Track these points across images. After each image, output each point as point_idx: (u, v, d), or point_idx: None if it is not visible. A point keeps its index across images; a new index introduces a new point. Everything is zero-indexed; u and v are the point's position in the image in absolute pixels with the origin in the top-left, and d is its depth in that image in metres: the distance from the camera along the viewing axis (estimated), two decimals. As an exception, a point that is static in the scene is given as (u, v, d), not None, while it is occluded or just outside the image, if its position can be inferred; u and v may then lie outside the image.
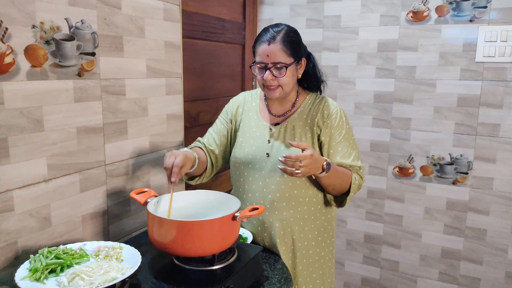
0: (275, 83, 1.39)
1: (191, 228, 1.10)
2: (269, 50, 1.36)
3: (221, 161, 1.60)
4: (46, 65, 1.18)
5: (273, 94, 1.42)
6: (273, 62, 1.37)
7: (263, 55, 1.37)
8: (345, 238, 2.57)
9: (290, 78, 1.41)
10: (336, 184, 1.41)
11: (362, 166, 1.47)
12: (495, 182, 2.16)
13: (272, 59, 1.37)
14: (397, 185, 2.39)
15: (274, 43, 1.36)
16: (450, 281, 2.33)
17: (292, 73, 1.41)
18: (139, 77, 1.53)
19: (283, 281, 1.27)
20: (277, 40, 1.37)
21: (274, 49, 1.36)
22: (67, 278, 0.99)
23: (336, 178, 1.39)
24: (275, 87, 1.41)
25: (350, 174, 1.43)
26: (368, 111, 2.39)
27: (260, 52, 1.38)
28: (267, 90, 1.43)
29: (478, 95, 2.13)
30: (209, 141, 1.58)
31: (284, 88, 1.41)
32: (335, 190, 1.44)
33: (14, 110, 1.11)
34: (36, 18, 1.14)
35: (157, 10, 1.58)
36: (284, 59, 1.37)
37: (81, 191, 1.34)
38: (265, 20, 2.56)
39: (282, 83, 1.40)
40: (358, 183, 1.45)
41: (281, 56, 1.37)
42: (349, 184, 1.43)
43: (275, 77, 1.38)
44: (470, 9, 2.09)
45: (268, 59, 1.37)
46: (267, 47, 1.37)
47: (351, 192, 1.43)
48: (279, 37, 1.37)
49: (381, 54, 2.32)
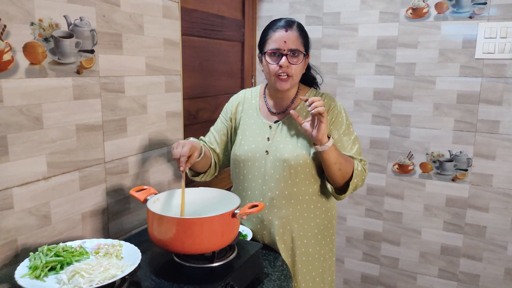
0: (289, 71, 1.38)
1: (191, 225, 1.10)
2: (287, 36, 1.36)
3: (223, 160, 1.60)
4: (45, 62, 1.18)
5: (284, 84, 1.41)
6: (290, 49, 1.37)
7: (280, 41, 1.37)
8: (345, 235, 2.57)
9: (301, 69, 1.43)
10: (342, 163, 1.37)
11: (364, 160, 1.47)
12: (494, 178, 2.16)
13: (290, 45, 1.36)
14: (396, 182, 2.39)
15: (292, 30, 1.38)
16: (450, 278, 2.34)
17: (303, 64, 1.43)
18: (138, 75, 1.53)
19: (283, 278, 1.27)
20: (294, 28, 1.38)
21: (292, 36, 1.37)
22: (67, 275, 0.99)
23: (340, 155, 1.37)
24: (286, 78, 1.39)
25: (352, 161, 1.42)
26: (368, 108, 2.39)
27: (277, 38, 1.37)
28: (279, 80, 1.40)
29: (478, 92, 2.13)
30: (210, 140, 1.58)
31: (294, 78, 1.41)
32: (341, 170, 1.38)
33: (13, 108, 1.11)
34: (35, 15, 1.14)
35: (156, 7, 1.58)
36: (300, 47, 1.39)
37: (80, 188, 1.34)
38: (264, 17, 2.55)
39: (294, 73, 1.39)
40: (361, 170, 1.42)
41: (298, 43, 1.38)
42: (352, 168, 1.40)
43: (291, 64, 1.38)
44: (469, 5, 2.09)
45: (285, 45, 1.36)
46: (284, 33, 1.37)
47: (354, 178, 1.40)
48: (295, 26, 1.39)
49: (380, 51, 2.31)
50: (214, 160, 1.56)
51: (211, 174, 1.57)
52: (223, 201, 1.29)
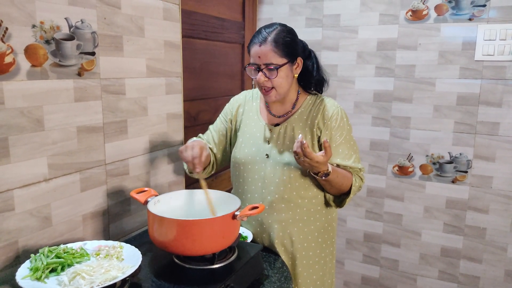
0: (269, 84, 1.39)
1: (191, 227, 1.10)
2: (260, 51, 1.36)
3: (220, 160, 1.60)
4: (46, 64, 1.18)
5: (268, 98, 1.42)
6: (265, 63, 1.37)
7: (255, 57, 1.38)
8: (345, 237, 2.57)
9: (284, 79, 1.40)
10: (333, 188, 1.42)
11: (362, 168, 1.47)
12: (494, 180, 2.16)
13: (264, 60, 1.36)
14: (396, 184, 2.39)
15: (265, 44, 1.36)
16: (450, 279, 2.34)
17: (286, 74, 1.39)
18: (139, 77, 1.53)
19: (283, 280, 1.27)
20: (268, 41, 1.36)
21: (265, 50, 1.36)
22: (68, 277, 1.00)
23: (336, 183, 1.39)
24: (269, 90, 1.40)
25: (351, 177, 1.42)
26: (368, 110, 2.40)
27: (252, 54, 1.39)
28: (263, 93, 1.43)
29: (478, 94, 2.13)
30: (208, 139, 1.59)
31: (278, 90, 1.40)
32: (332, 191, 1.45)
33: (14, 110, 1.11)
34: (36, 17, 1.14)
35: (156, 9, 1.59)
36: (276, 60, 1.36)
37: (81, 190, 1.34)
38: (264, 19, 2.56)
39: (275, 85, 1.39)
40: (358, 185, 1.45)
41: (272, 57, 1.36)
42: (349, 186, 1.42)
43: (268, 78, 1.38)
44: (469, 7, 2.09)
45: (260, 60, 1.37)
46: (258, 49, 1.37)
47: (351, 194, 1.43)
48: (270, 38, 1.36)
49: (380, 53, 2.32)
50: (211, 159, 1.56)
51: (208, 172, 1.58)
52: (223, 203, 1.29)
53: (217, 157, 1.58)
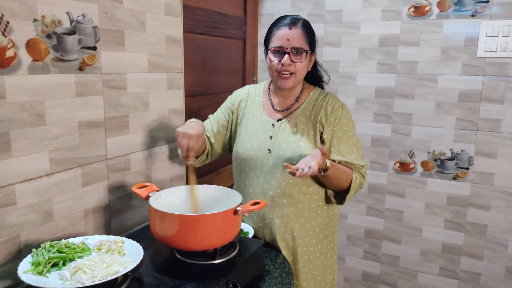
0: (292, 69, 1.39)
1: (193, 222, 1.10)
2: (290, 34, 1.36)
3: (216, 150, 1.58)
4: (48, 59, 1.18)
5: (286, 82, 1.41)
6: (293, 47, 1.37)
7: (283, 39, 1.37)
8: (346, 233, 2.57)
9: (305, 67, 1.42)
10: (332, 183, 1.41)
11: (365, 165, 1.46)
12: (496, 177, 2.16)
13: (293, 43, 1.37)
14: (398, 180, 2.39)
15: (296, 28, 1.37)
16: (451, 276, 2.34)
17: (307, 62, 1.42)
18: (140, 72, 1.53)
19: (284, 275, 1.27)
20: (298, 25, 1.38)
21: (295, 34, 1.37)
22: (70, 271, 1.00)
23: (335, 178, 1.39)
24: (288, 76, 1.40)
25: (351, 173, 1.42)
26: (369, 106, 2.39)
27: (280, 36, 1.38)
28: (280, 78, 1.41)
29: (480, 90, 2.13)
30: (207, 128, 1.56)
31: (297, 76, 1.41)
32: (332, 187, 1.45)
33: (15, 104, 1.11)
34: (38, 11, 1.14)
35: (158, 4, 1.58)
36: (303, 46, 1.38)
37: (83, 185, 1.34)
38: (266, 14, 2.55)
39: (297, 69, 1.39)
40: (359, 182, 1.44)
41: (301, 41, 1.38)
42: (349, 182, 1.42)
43: (293, 62, 1.38)
44: (472, 3, 2.08)
45: (288, 43, 1.37)
46: (288, 31, 1.37)
47: (351, 191, 1.43)
48: (300, 23, 1.39)
49: (382, 49, 2.31)
50: (207, 148, 1.55)
51: (202, 161, 1.56)
52: (225, 198, 1.29)
53: (213, 147, 1.57)
